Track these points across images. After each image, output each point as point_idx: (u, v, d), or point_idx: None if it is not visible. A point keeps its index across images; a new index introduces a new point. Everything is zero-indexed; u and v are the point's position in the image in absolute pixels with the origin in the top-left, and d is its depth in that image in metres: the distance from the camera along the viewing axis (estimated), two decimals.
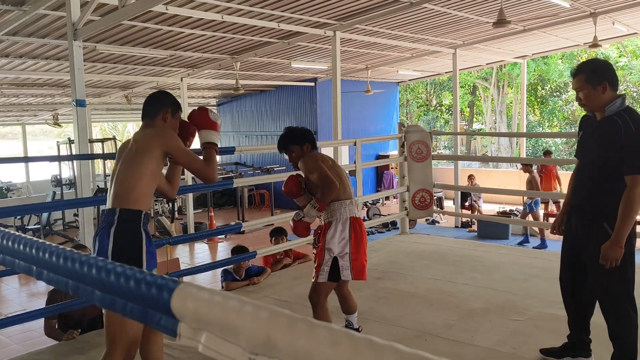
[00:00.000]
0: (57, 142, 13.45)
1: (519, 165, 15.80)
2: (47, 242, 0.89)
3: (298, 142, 3.11)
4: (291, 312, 0.56)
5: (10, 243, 0.91)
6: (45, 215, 10.94)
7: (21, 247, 0.87)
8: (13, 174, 16.47)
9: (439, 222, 11.57)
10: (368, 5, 7.26)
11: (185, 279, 5.06)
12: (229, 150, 4.14)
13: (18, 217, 11.22)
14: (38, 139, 26.89)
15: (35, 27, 6.51)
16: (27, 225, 11.34)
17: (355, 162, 5.32)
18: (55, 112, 14.53)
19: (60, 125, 15.39)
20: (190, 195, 11.08)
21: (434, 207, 7.35)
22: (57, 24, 6.44)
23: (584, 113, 2.84)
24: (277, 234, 5.26)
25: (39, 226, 10.93)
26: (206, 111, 2.61)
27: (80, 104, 5.49)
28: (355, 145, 5.21)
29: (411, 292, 4.15)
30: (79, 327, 3.49)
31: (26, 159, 9.89)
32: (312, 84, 13.51)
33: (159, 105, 2.46)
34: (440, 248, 5.49)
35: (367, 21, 7.82)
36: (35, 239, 0.89)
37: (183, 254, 9.62)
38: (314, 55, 10.38)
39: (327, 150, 12.58)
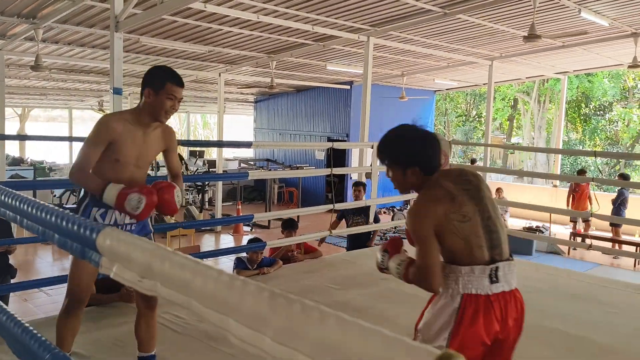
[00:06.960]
0: None
1: (554, 183, 15.57)
2: (34, 199, 1.09)
3: (399, 162, 1.96)
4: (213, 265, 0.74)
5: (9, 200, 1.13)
6: None
7: (9, 200, 1.08)
8: (58, 156, 17.31)
9: None
10: (402, 12, 7.37)
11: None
12: (246, 144, 4.35)
13: (57, 196, 11.86)
14: (86, 123, 27.98)
15: (83, 16, 6.92)
16: (65, 204, 11.91)
17: (371, 165, 5.46)
18: (100, 99, 15.21)
19: (104, 112, 16.08)
20: (220, 188, 11.43)
21: None
22: (103, 15, 6.82)
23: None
24: (290, 227, 5.31)
25: (75, 205, 11.49)
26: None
27: (117, 92, 5.83)
28: (372, 148, 5.35)
29: (414, 294, 4.25)
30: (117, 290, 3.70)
31: (70, 139, 10.62)
32: (348, 87, 13.67)
33: (143, 84, 2.36)
34: None
35: (401, 28, 7.92)
36: (26, 196, 1.10)
37: (209, 243, 9.96)
38: (350, 59, 10.55)
39: (353, 153, 12.82)
